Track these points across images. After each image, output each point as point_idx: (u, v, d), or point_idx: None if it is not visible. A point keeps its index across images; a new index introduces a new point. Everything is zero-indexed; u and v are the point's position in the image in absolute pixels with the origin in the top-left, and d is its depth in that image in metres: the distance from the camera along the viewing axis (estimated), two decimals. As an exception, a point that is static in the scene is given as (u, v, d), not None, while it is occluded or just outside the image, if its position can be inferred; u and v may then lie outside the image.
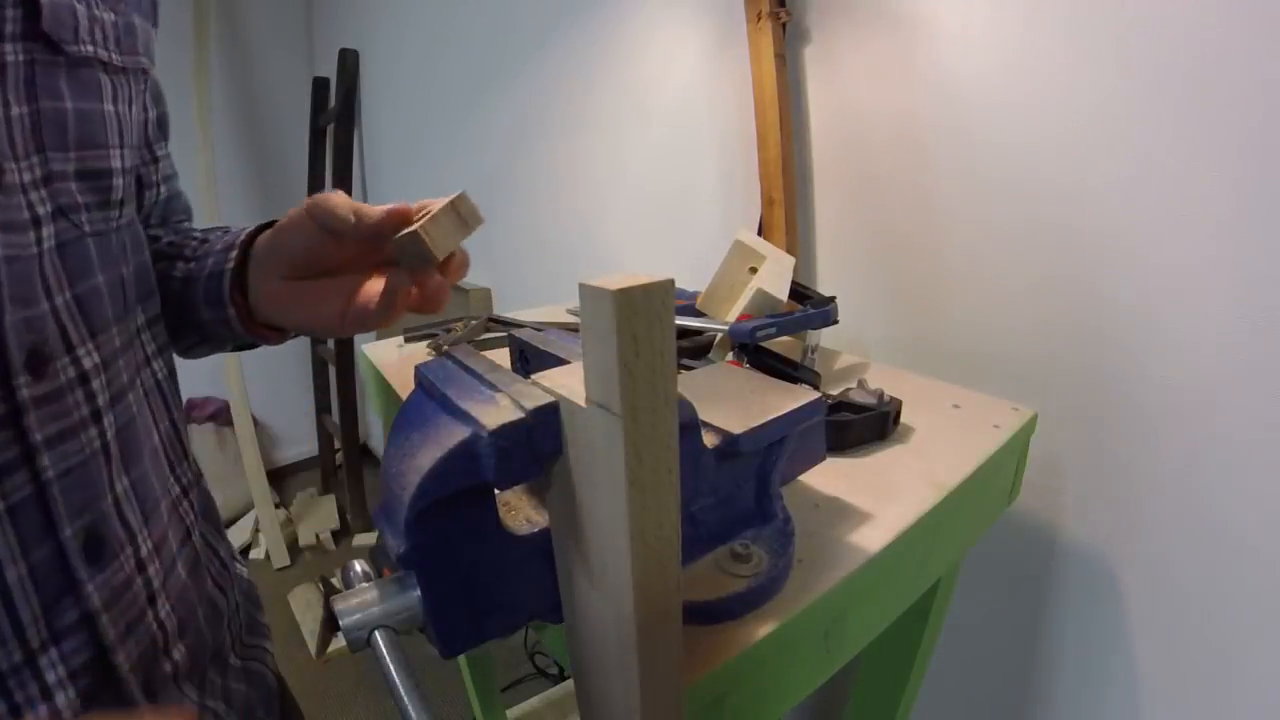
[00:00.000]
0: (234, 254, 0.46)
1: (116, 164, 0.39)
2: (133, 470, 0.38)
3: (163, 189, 0.52)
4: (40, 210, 0.34)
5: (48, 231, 0.34)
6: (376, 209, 0.39)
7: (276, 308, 0.45)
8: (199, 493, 0.48)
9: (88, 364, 0.35)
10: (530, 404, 0.25)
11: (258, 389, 2.38)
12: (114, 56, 0.38)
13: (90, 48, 0.36)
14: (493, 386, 0.27)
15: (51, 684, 0.33)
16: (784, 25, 0.78)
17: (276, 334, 0.49)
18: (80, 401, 0.35)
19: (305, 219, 0.41)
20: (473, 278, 1.67)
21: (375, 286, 0.42)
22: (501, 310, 1.22)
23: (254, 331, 0.48)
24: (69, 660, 0.34)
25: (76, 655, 0.34)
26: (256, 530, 2.28)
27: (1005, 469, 0.56)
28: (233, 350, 0.54)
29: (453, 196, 0.38)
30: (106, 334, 0.37)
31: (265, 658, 0.52)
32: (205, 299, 0.47)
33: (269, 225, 0.46)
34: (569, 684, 1.33)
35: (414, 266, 0.39)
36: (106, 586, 0.35)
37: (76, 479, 0.34)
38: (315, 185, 2.08)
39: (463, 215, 0.38)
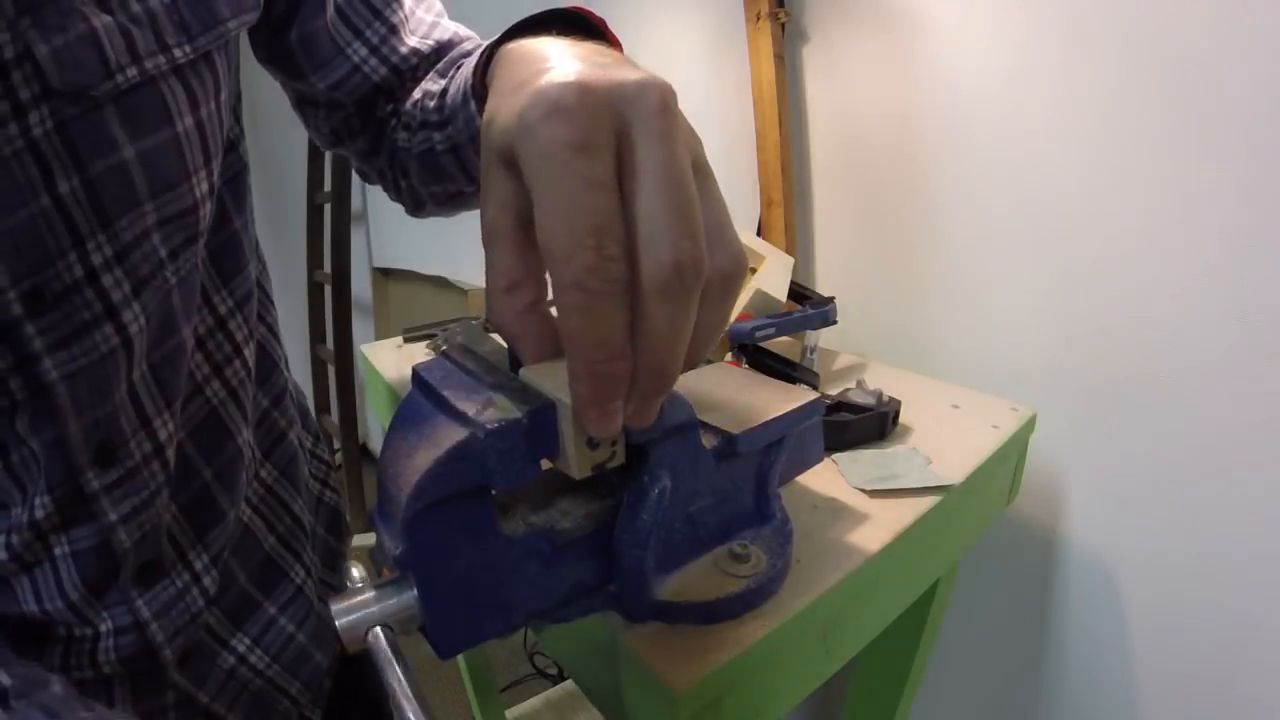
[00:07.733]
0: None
1: (203, 189, 0.35)
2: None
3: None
4: (117, 295, 0.31)
5: (130, 314, 0.32)
6: None
7: None
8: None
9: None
10: (527, 405, 0.25)
11: (257, 389, 2.35)
12: (178, 53, 0.32)
13: (134, 71, 0.30)
14: (490, 387, 0.27)
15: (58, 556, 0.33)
16: (783, 26, 0.78)
17: None
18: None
19: None
20: (471, 278, 1.67)
21: None
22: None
23: None
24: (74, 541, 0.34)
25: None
26: (256, 530, 2.27)
27: (1004, 469, 0.56)
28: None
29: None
30: (174, 405, 0.37)
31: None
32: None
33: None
34: (569, 684, 1.32)
35: None
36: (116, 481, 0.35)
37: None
38: (314, 184, 2.08)
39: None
